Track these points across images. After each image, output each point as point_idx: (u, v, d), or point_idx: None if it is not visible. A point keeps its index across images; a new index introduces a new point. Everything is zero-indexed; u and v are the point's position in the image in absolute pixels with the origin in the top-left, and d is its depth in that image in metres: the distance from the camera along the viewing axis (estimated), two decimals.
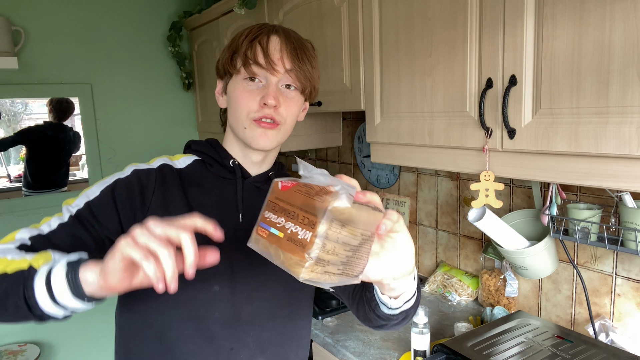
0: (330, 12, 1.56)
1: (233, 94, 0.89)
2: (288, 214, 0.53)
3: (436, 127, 1.21)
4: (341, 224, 0.50)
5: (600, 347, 1.12)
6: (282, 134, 0.91)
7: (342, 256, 0.52)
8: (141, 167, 0.90)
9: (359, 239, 0.53)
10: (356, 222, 0.52)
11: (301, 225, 0.51)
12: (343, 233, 0.51)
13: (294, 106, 0.91)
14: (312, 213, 0.50)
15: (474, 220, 1.27)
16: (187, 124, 2.80)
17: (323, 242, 0.49)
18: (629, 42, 0.82)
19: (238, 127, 0.89)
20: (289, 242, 0.52)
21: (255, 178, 0.94)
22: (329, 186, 0.51)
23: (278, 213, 0.55)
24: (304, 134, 2.11)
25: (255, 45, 0.86)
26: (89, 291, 0.63)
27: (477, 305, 1.67)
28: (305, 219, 0.51)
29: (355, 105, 1.50)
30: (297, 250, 0.50)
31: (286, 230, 0.52)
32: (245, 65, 0.86)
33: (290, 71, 0.87)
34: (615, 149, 0.85)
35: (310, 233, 0.49)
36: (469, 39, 1.10)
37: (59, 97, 2.43)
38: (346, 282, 0.54)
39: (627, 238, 1.12)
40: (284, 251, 0.52)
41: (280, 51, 0.86)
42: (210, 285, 0.86)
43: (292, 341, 0.95)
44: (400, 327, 0.87)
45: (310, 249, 0.49)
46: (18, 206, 2.37)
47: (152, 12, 2.62)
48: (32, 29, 2.30)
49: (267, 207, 0.58)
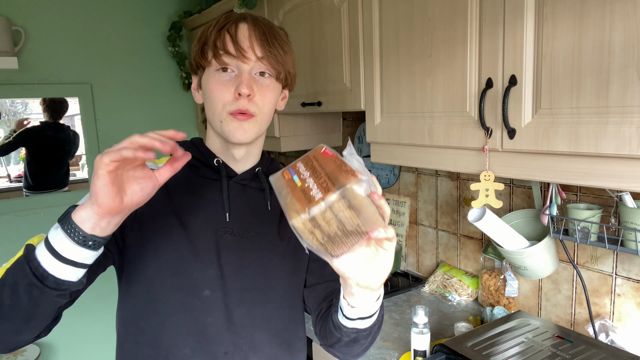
0: (330, 12, 1.56)
1: (207, 87, 0.87)
2: (315, 172, 0.59)
3: (436, 127, 1.21)
4: (348, 204, 0.54)
5: (600, 347, 1.12)
6: (260, 125, 0.88)
7: (332, 231, 0.56)
8: None
9: (353, 227, 0.57)
10: (359, 212, 0.56)
11: (319, 186, 0.56)
12: (345, 213, 0.55)
13: (269, 94, 0.88)
14: (333, 182, 0.55)
15: (474, 220, 1.27)
16: (187, 124, 2.80)
17: (325, 208, 0.54)
18: (629, 42, 0.82)
19: (215, 121, 0.87)
20: (301, 192, 0.57)
21: (241, 176, 0.93)
22: (358, 172, 0.56)
23: (308, 168, 0.61)
24: (304, 134, 2.11)
25: (223, 34, 0.84)
26: (89, 228, 0.63)
27: (477, 305, 1.67)
28: (325, 182, 0.56)
29: (355, 105, 1.50)
30: (303, 201, 0.55)
31: (305, 182, 0.59)
32: (215, 56, 0.83)
33: (262, 58, 0.84)
34: (615, 149, 0.85)
35: (320, 195, 0.55)
36: (469, 39, 1.10)
37: (58, 97, 2.43)
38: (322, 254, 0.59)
39: (627, 238, 1.12)
40: (292, 196, 0.57)
41: (250, 38, 0.84)
42: (200, 290, 0.85)
43: (285, 342, 0.94)
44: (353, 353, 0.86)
45: (313, 207, 0.54)
46: (18, 206, 2.37)
47: (152, 12, 2.62)
48: (32, 29, 2.30)
49: (302, 159, 0.64)
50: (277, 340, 0.92)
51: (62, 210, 0.86)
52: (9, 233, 2.34)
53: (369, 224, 0.57)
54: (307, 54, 1.71)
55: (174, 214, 0.87)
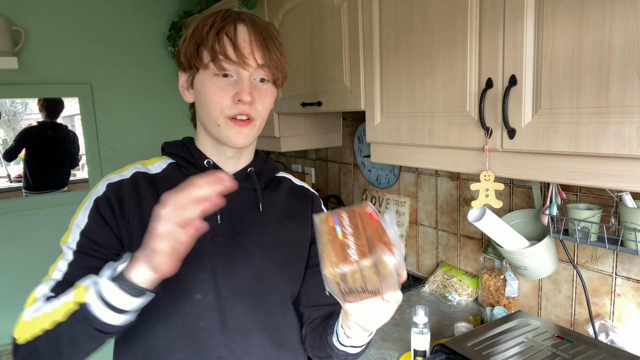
0: (330, 12, 1.56)
1: (203, 90, 0.85)
2: (357, 231, 0.65)
3: (436, 127, 1.21)
4: (376, 272, 0.61)
5: (600, 347, 1.12)
6: (258, 128, 0.89)
7: (355, 286, 0.63)
8: (113, 179, 0.87)
9: (373, 288, 0.64)
10: (383, 279, 0.62)
11: (357, 246, 0.63)
12: (370, 278, 0.62)
13: (268, 99, 0.88)
14: (370, 249, 0.62)
15: (474, 220, 1.26)
16: (187, 124, 2.77)
17: (356, 270, 0.61)
18: (629, 42, 0.82)
19: (211, 125, 0.86)
20: (340, 246, 0.63)
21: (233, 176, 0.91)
22: (394, 246, 0.62)
23: (351, 224, 0.67)
24: (304, 134, 2.11)
25: (222, 37, 0.81)
26: (147, 285, 0.68)
27: (477, 305, 1.67)
28: (362, 246, 0.62)
29: (355, 105, 1.50)
30: (339, 256, 0.61)
31: (346, 238, 0.64)
32: (214, 60, 0.81)
33: (263, 65, 0.83)
34: (615, 149, 0.85)
35: (356, 257, 0.61)
36: (469, 39, 1.10)
37: (58, 97, 2.44)
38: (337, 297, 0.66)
39: (627, 238, 1.12)
40: (331, 247, 0.63)
41: (250, 43, 0.82)
42: (192, 293, 0.84)
43: (280, 345, 0.92)
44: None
45: (346, 265, 0.60)
46: (18, 206, 2.37)
47: (152, 12, 2.62)
48: (32, 29, 2.30)
49: (348, 212, 0.70)
50: (271, 343, 0.91)
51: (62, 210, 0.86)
52: (9, 233, 2.34)
53: (387, 288, 0.64)
54: (307, 54, 1.71)
55: None
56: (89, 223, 0.83)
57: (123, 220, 0.84)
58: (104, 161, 2.54)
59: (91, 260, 0.81)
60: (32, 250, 2.35)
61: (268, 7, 1.92)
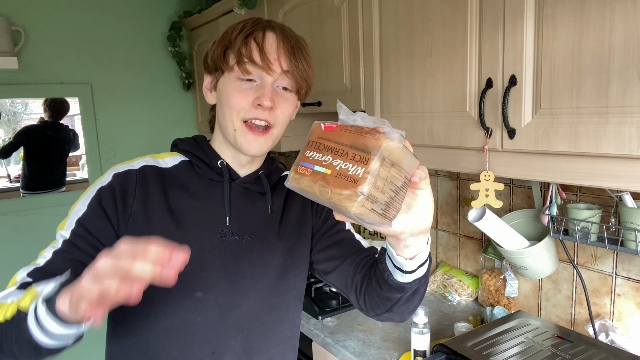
0: (330, 12, 1.56)
1: (224, 91, 0.84)
2: (335, 151, 0.54)
3: (436, 127, 1.21)
4: (390, 163, 0.52)
5: (600, 347, 1.12)
6: (275, 137, 0.87)
7: (387, 195, 0.53)
8: (121, 169, 0.86)
9: (401, 181, 0.55)
10: (401, 163, 0.54)
11: (351, 162, 0.52)
12: (391, 172, 0.53)
13: (289, 107, 0.87)
14: (364, 150, 0.52)
15: (474, 220, 1.26)
16: (187, 124, 2.80)
17: (375, 178, 0.51)
18: (629, 42, 0.82)
19: (228, 128, 0.85)
20: (337, 178, 0.53)
21: (244, 179, 0.91)
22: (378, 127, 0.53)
23: (323, 151, 0.56)
24: (303, 134, 2.11)
25: (250, 42, 0.81)
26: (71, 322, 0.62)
27: (477, 305, 1.67)
28: (356, 155, 0.52)
29: (355, 105, 1.50)
30: (348, 185, 0.52)
31: (334, 167, 0.53)
32: (239, 62, 0.81)
33: (287, 72, 0.83)
34: (615, 149, 0.85)
35: (362, 169, 0.51)
36: (469, 39, 1.10)
37: (59, 97, 2.43)
38: (383, 224, 0.55)
39: (627, 238, 1.12)
40: (332, 187, 0.53)
41: (277, 49, 0.82)
42: (192, 291, 0.84)
43: (280, 344, 0.93)
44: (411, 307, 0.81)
45: (363, 184, 0.51)
46: (18, 206, 2.37)
47: (152, 12, 2.61)
48: (32, 29, 2.30)
49: (308, 146, 0.58)
50: (272, 343, 0.91)
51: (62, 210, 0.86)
52: (8, 233, 2.34)
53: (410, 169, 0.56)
54: None
55: (170, 213, 0.85)
56: (87, 212, 0.82)
57: (124, 214, 0.82)
58: (104, 161, 2.54)
59: (77, 252, 0.79)
60: (31, 250, 2.34)
61: (268, 7, 1.92)
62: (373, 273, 0.82)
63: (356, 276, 0.88)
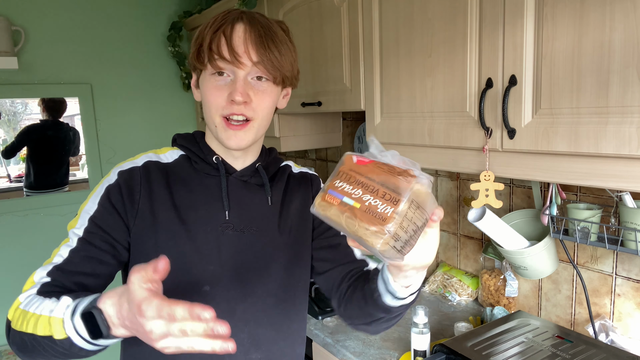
0: (330, 12, 1.56)
1: (203, 89, 0.85)
2: (366, 187, 0.56)
3: (436, 127, 1.21)
4: (417, 205, 0.55)
5: (600, 347, 1.12)
6: (256, 130, 0.87)
7: (408, 234, 0.56)
8: (125, 166, 0.88)
9: (422, 221, 0.57)
10: (425, 206, 0.56)
11: (382, 200, 0.54)
12: (416, 213, 0.55)
13: (267, 98, 0.85)
14: (395, 191, 0.54)
15: (474, 220, 1.26)
16: (187, 124, 2.80)
17: (402, 219, 0.54)
18: (629, 42, 0.82)
19: (210, 124, 0.87)
20: (366, 213, 0.54)
21: (241, 172, 0.92)
22: (409, 170, 0.56)
23: (353, 184, 0.57)
24: (303, 134, 2.11)
25: (219, 36, 0.81)
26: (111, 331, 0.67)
27: (477, 305, 1.67)
28: (386, 194, 0.54)
29: (355, 105, 1.50)
30: (375, 222, 0.54)
31: (364, 201, 0.55)
32: (210, 60, 0.81)
33: (257, 63, 0.81)
34: (615, 149, 0.85)
35: (391, 208, 0.53)
36: (469, 39, 1.10)
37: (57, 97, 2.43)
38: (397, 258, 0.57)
39: (627, 238, 1.12)
40: (360, 221, 0.54)
41: (245, 41, 0.81)
42: (200, 285, 0.86)
43: (287, 337, 0.94)
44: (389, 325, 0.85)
45: (390, 223, 0.53)
46: (18, 206, 2.37)
47: (152, 12, 2.61)
48: (32, 29, 2.30)
49: (338, 176, 0.59)
50: (280, 335, 0.92)
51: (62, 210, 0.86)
52: (9, 233, 2.34)
53: (430, 211, 0.58)
54: (307, 54, 1.71)
55: (174, 208, 0.86)
56: (98, 210, 0.84)
57: (132, 209, 0.85)
58: (104, 161, 2.54)
59: (94, 250, 0.81)
60: (32, 250, 2.35)
61: (268, 7, 1.92)
62: (360, 286, 0.84)
63: (343, 284, 0.91)
